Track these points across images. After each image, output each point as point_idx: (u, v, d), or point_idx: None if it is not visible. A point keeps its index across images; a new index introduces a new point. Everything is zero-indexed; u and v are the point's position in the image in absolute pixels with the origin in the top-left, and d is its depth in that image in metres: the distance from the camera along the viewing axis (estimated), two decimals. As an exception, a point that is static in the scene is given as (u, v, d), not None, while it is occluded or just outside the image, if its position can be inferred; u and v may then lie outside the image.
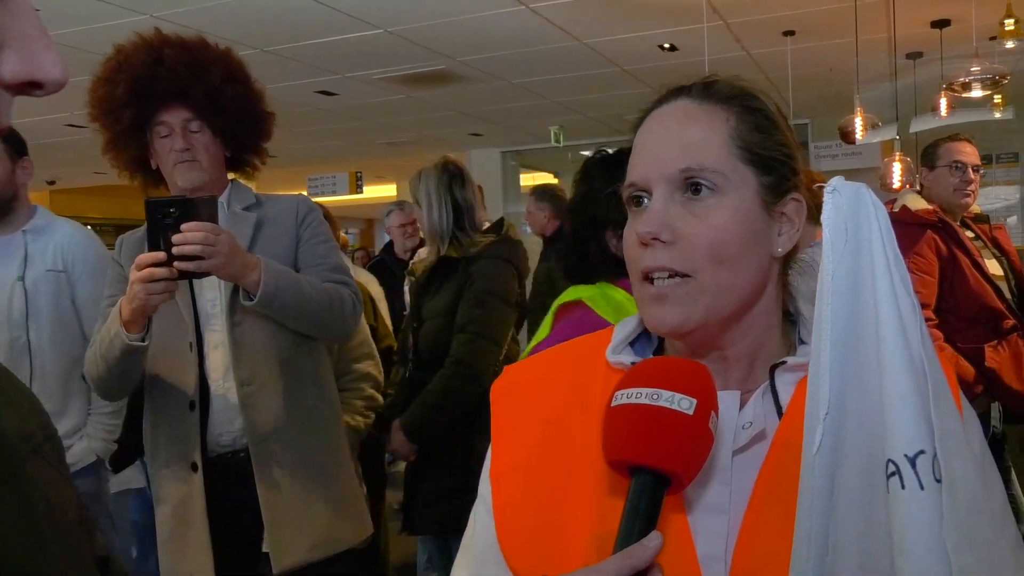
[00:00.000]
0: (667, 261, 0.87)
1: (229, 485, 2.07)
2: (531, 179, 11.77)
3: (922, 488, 0.65)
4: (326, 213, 3.70)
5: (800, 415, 0.85)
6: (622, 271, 1.07)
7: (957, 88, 5.03)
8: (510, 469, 0.95)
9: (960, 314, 3.17)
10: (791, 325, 0.96)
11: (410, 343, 3.07)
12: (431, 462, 2.95)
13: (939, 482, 0.65)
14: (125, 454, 2.78)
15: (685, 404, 0.78)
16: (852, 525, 0.69)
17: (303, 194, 2.41)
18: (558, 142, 9.29)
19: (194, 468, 2.06)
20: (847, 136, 5.59)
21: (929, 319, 3.08)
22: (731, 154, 0.88)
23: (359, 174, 10.74)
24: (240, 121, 2.28)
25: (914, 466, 0.65)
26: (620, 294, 1.78)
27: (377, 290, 4.08)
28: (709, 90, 0.92)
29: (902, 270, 0.69)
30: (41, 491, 0.60)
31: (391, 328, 3.89)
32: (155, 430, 2.15)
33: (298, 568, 2.05)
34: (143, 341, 1.94)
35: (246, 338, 2.11)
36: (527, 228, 5.56)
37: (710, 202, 0.87)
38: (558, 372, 1.00)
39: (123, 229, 3.83)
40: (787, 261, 0.95)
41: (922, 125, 6.41)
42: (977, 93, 5.06)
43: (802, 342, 0.93)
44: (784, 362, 0.90)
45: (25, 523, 0.57)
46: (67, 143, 9.18)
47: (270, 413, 2.10)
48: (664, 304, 0.88)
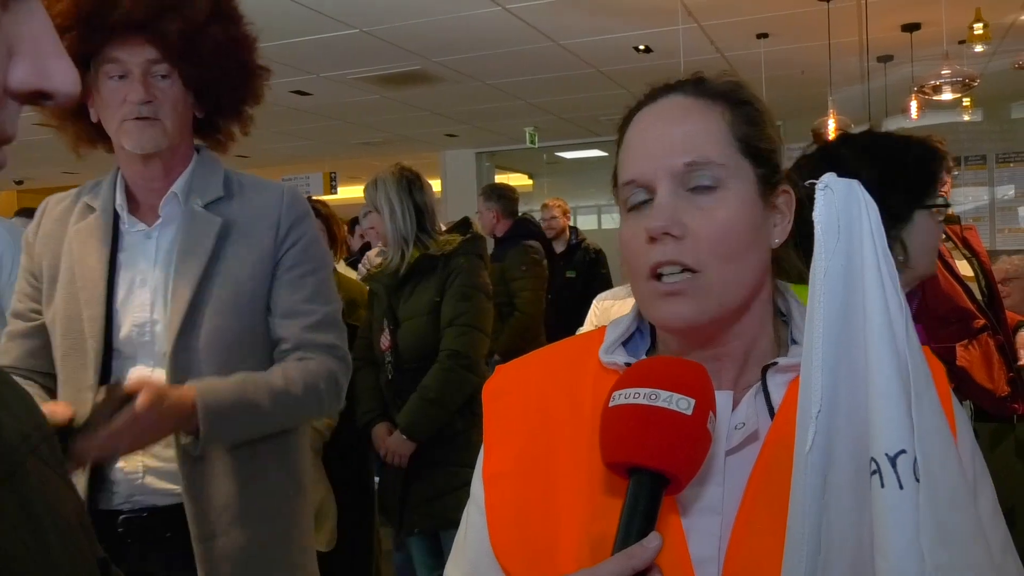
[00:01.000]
0: (678, 255, 0.86)
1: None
2: (506, 180, 11.77)
3: (901, 487, 0.65)
4: (327, 212, 3.62)
5: (792, 416, 0.85)
6: None
7: (927, 90, 5.10)
8: (502, 470, 0.94)
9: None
10: (783, 324, 0.97)
11: (384, 346, 3.04)
12: (424, 459, 2.93)
13: (920, 482, 0.66)
14: None
15: (683, 404, 0.77)
16: (843, 524, 0.69)
17: (288, 183, 1.72)
18: (533, 143, 9.29)
19: None
20: (820, 137, 5.63)
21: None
22: (730, 147, 0.89)
23: (333, 174, 10.68)
24: (223, 73, 1.70)
25: (894, 465, 0.65)
26: None
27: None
28: (701, 86, 0.93)
29: (891, 268, 0.70)
30: (40, 491, 0.59)
31: None
32: None
33: None
34: None
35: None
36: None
37: (716, 196, 0.87)
38: (550, 373, 0.99)
39: None
40: (776, 256, 0.95)
41: (893, 126, 6.47)
42: (947, 96, 5.12)
43: (794, 342, 0.93)
44: (776, 362, 0.90)
45: (26, 523, 0.56)
46: (36, 142, 9.03)
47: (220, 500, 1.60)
48: (678, 300, 0.87)
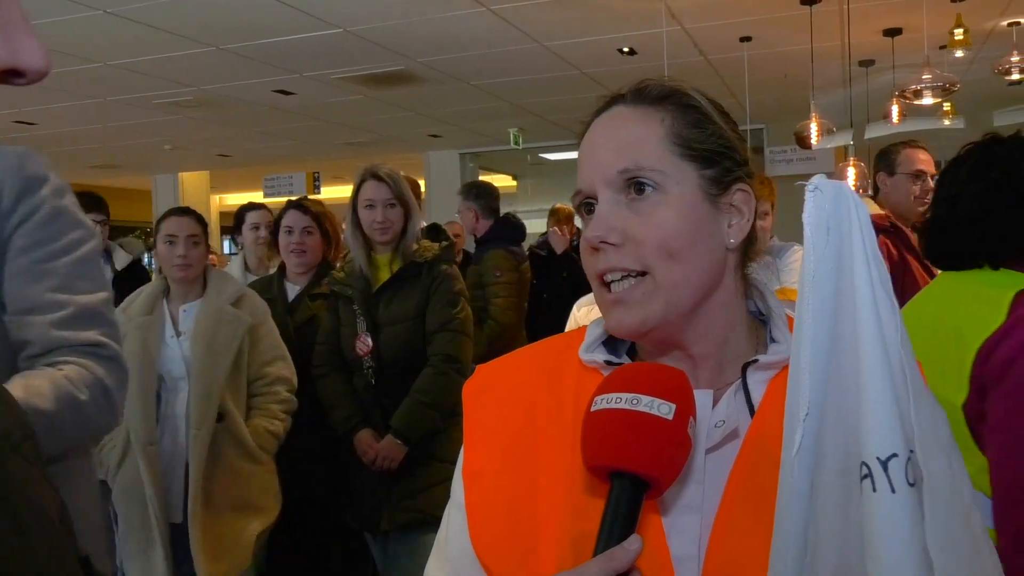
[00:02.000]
0: (619, 262, 0.88)
1: None
2: (490, 180, 11.78)
3: (893, 491, 0.65)
4: (320, 209, 3.52)
5: (772, 413, 0.86)
6: None
7: (909, 95, 5.13)
8: (483, 469, 0.94)
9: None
10: (761, 324, 0.97)
11: (362, 351, 2.99)
12: (406, 456, 2.91)
13: (912, 485, 0.65)
14: None
15: (664, 409, 0.78)
16: (830, 526, 0.69)
17: (24, 150, 1.38)
18: (517, 144, 9.30)
19: None
20: (803, 141, 5.67)
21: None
22: (668, 151, 0.90)
23: (317, 174, 10.64)
24: None
25: (886, 469, 0.65)
26: None
27: None
28: (641, 94, 0.94)
29: (881, 270, 0.69)
30: (22, 490, 0.58)
31: None
32: None
33: None
34: None
35: None
36: None
37: (653, 200, 0.89)
38: (531, 371, 1.00)
39: (120, 231, 3.77)
40: (746, 255, 0.96)
41: (875, 132, 6.52)
42: (928, 101, 5.16)
43: (773, 340, 0.94)
44: (756, 360, 0.91)
45: (7, 521, 0.55)
46: (14, 141, 8.98)
47: None
48: (621, 307, 0.89)
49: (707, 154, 0.91)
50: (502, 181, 12.34)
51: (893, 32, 5.77)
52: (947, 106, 6.45)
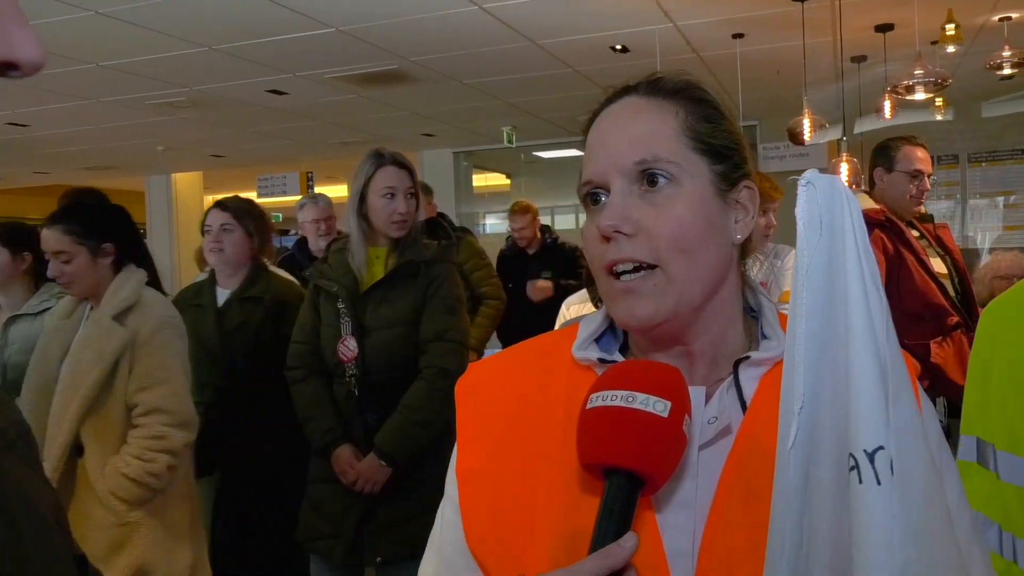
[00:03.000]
0: (631, 253, 0.87)
1: None
2: (484, 179, 11.77)
3: (879, 483, 0.66)
4: (250, 208, 3.29)
5: (764, 410, 0.86)
6: None
7: (901, 90, 5.14)
8: (476, 467, 0.94)
9: (906, 311, 3.23)
10: (752, 319, 0.97)
11: (346, 357, 2.68)
12: (390, 482, 2.63)
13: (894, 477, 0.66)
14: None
15: (660, 407, 0.79)
16: (825, 518, 0.70)
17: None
18: (511, 143, 9.29)
19: None
20: (796, 137, 5.68)
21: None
22: (683, 144, 0.90)
23: (310, 174, 10.61)
24: None
25: (872, 461, 0.66)
26: None
27: None
28: (656, 86, 0.94)
29: (872, 265, 0.70)
30: (17, 488, 0.58)
31: None
32: None
33: None
34: None
35: None
36: (483, 229, 5.47)
37: (667, 192, 0.88)
38: (523, 369, 1.00)
39: None
40: (744, 251, 0.96)
41: (867, 126, 6.54)
42: (920, 96, 5.17)
43: (764, 336, 0.94)
44: (748, 356, 0.91)
45: (3, 522, 0.55)
46: (7, 142, 8.95)
47: None
48: (633, 297, 0.88)
49: (718, 149, 0.91)
50: (496, 180, 12.34)
51: (885, 28, 5.77)
52: (939, 100, 6.47)
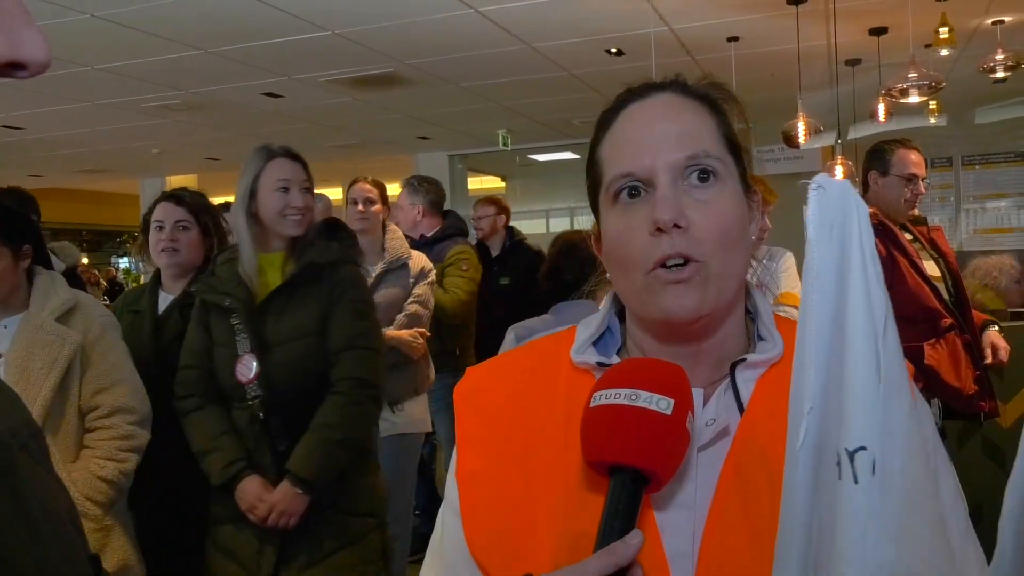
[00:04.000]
0: (684, 248, 0.87)
1: None
2: (479, 182, 11.78)
3: (856, 482, 0.66)
4: (199, 202, 2.92)
5: (761, 412, 0.87)
6: None
7: (895, 94, 5.16)
8: (476, 470, 0.95)
9: (899, 314, 3.20)
10: (750, 320, 0.98)
11: (247, 377, 2.37)
12: (308, 513, 2.32)
13: (874, 477, 0.67)
14: None
15: (663, 404, 0.79)
16: (829, 518, 0.70)
17: None
18: (506, 145, 9.30)
19: None
20: (791, 140, 5.69)
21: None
22: (721, 143, 0.92)
23: (305, 177, 10.61)
24: None
25: (852, 460, 0.67)
26: None
27: None
28: (687, 87, 0.97)
29: (877, 269, 0.70)
30: (32, 487, 0.58)
31: None
32: None
33: None
34: None
35: None
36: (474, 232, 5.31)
37: (713, 189, 0.89)
38: (521, 372, 1.00)
39: (59, 234, 3.65)
40: None
41: (862, 131, 6.55)
42: (914, 99, 5.18)
43: (761, 338, 0.95)
44: (744, 359, 0.92)
45: (20, 520, 0.55)
46: (3, 144, 8.94)
47: None
48: (682, 288, 0.88)
49: (742, 151, 0.95)
50: (491, 183, 12.35)
51: (879, 31, 5.80)
52: (933, 104, 6.48)
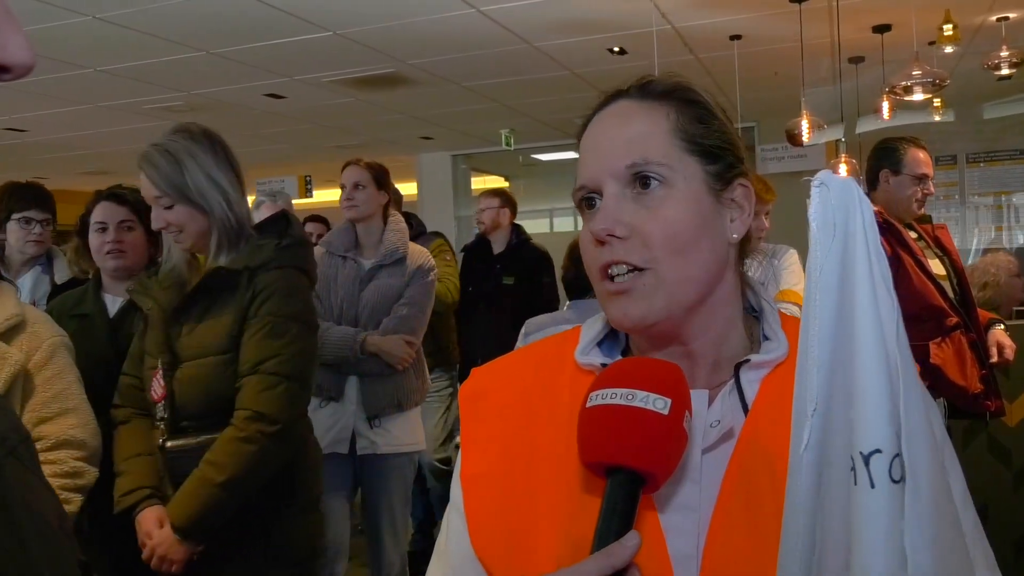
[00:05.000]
0: (624, 255, 0.88)
1: None
2: (482, 182, 11.76)
3: (872, 486, 0.66)
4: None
5: (765, 413, 0.87)
6: None
7: (899, 91, 5.14)
8: (481, 472, 0.95)
9: (904, 313, 3.20)
10: (754, 320, 0.97)
11: (156, 395, 2.12)
12: (202, 563, 2.04)
13: (896, 482, 0.65)
14: None
15: (660, 404, 0.78)
16: (836, 522, 0.70)
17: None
18: (509, 145, 9.29)
19: None
20: (794, 138, 5.67)
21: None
22: (674, 146, 0.90)
23: (308, 178, 10.62)
24: None
25: (867, 464, 0.66)
26: None
27: None
28: (646, 88, 0.95)
29: (883, 267, 0.69)
30: (20, 492, 0.58)
31: None
32: None
33: None
34: None
35: None
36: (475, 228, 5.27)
37: (659, 194, 0.89)
38: (526, 374, 1.00)
39: (64, 236, 3.55)
40: (743, 251, 0.96)
41: (866, 127, 6.53)
42: (918, 96, 5.17)
43: (765, 337, 0.94)
44: (748, 360, 0.91)
45: (5, 523, 0.54)
46: (5, 147, 8.95)
47: None
48: (625, 298, 0.89)
49: (711, 149, 0.92)
50: (494, 182, 12.34)
51: (882, 28, 5.78)
52: (937, 101, 6.47)
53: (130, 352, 2.30)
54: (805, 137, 5.60)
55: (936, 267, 3.43)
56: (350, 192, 3.37)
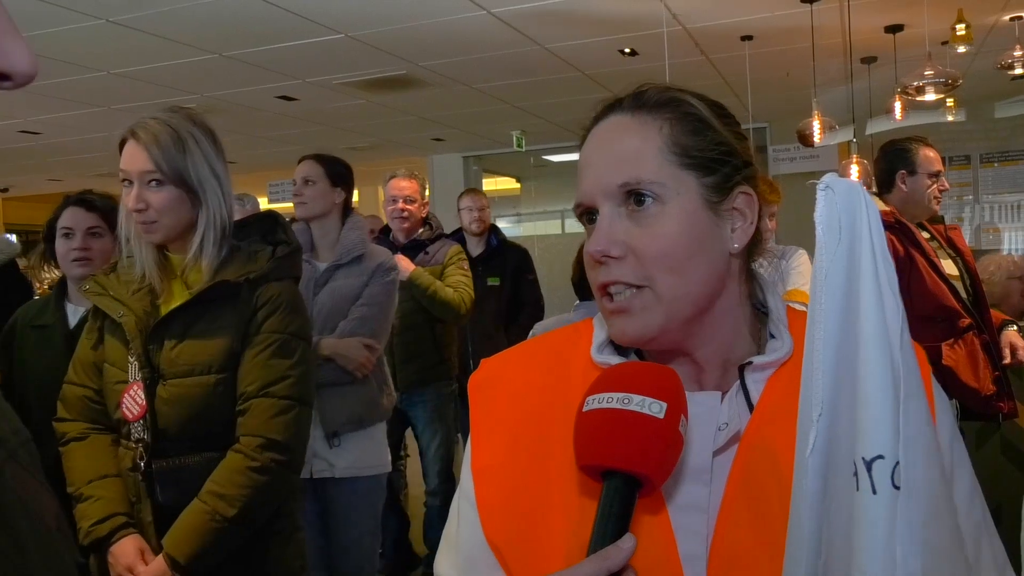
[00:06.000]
0: (620, 275, 0.90)
1: None
2: (493, 184, 11.77)
3: (875, 492, 0.66)
4: (115, 205, 2.38)
5: (769, 413, 0.87)
6: None
7: (911, 91, 5.12)
8: (492, 462, 0.95)
9: (917, 313, 3.22)
10: (763, 318, 0.97)
11: (132, 413, 1.88)
12: None
13: (898, 488, 0.66)
14: None
15: (655, 408, 0.79)
16: (841, 526, 0.70)
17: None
18: (520, 147, 9.29)
19: None
20: (806, 139, 5.65)
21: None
22: (668, 162, 0.90)
23: (320, 180, 10.64)
24: None
25: (869, 470, 0.66)
26: None
27: None
28: (639, 101, 0.95)
29: (890, 270, 0.69)
30: (19, 495, 0.58)
31: None
32: None
33: None
34: None
35: None
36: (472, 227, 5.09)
37: (653, 212, 0.89)
38: (538, 367, 1.00)
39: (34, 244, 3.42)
40: (751, 253, 0.96)
41: (878, 127, 6.51)
42: (931, 96, 5.15)
43: (772, 336, 0.94)
44: (750, 362, 0.91)
45: (3, 531, 0.55)
46: (21, 150, 9.01)
47: None
48: (623, 317, 0.91)
49: (707, 162, 0.91)
50: (505, 184, 12.34)
51: (895, 28, 5.75)
52: (949, 101, 6.43)
53: (79, 359, 2.01)
54: (817, 138, 5.58)
55: (949, 268, 3.42)
56: (299, 188, 3.11)
